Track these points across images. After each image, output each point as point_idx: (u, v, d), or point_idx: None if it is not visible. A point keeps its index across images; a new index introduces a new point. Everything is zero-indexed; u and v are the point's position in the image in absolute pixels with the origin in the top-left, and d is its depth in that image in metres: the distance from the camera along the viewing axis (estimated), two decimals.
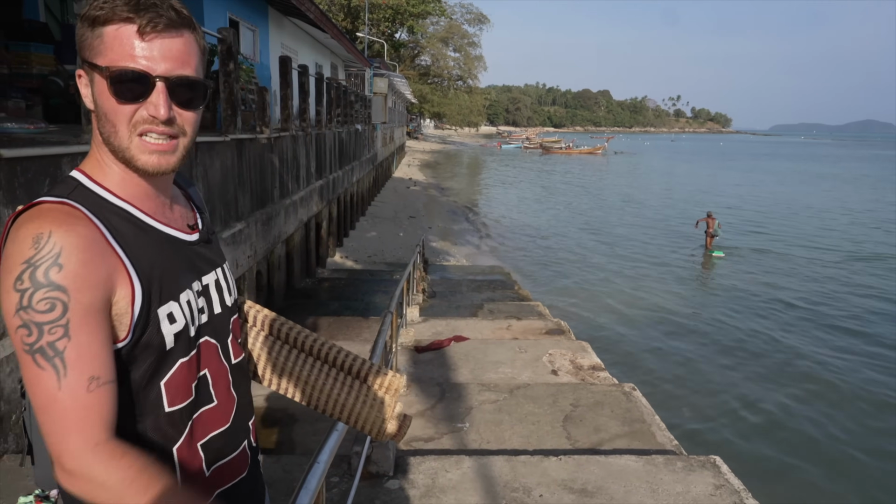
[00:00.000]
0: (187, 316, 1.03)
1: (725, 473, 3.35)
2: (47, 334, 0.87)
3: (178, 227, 1.07)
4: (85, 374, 0.89)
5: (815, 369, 9.09)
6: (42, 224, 0.89)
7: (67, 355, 0.87)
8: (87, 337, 0.89)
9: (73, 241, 0.89)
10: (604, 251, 17.69)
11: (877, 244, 19.25)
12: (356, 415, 1.43)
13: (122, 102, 0.96)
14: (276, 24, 14.94)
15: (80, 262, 0.89)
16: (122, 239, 0.95)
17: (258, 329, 1.39)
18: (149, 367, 0.98)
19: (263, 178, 7.93)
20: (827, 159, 76.58)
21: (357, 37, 38.94)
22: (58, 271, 0.87)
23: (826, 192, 35.62)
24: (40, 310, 0.87)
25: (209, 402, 1.08)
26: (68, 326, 0.88)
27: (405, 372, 4.98)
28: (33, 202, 0.93)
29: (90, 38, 0.95)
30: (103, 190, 0.98)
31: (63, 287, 0.87)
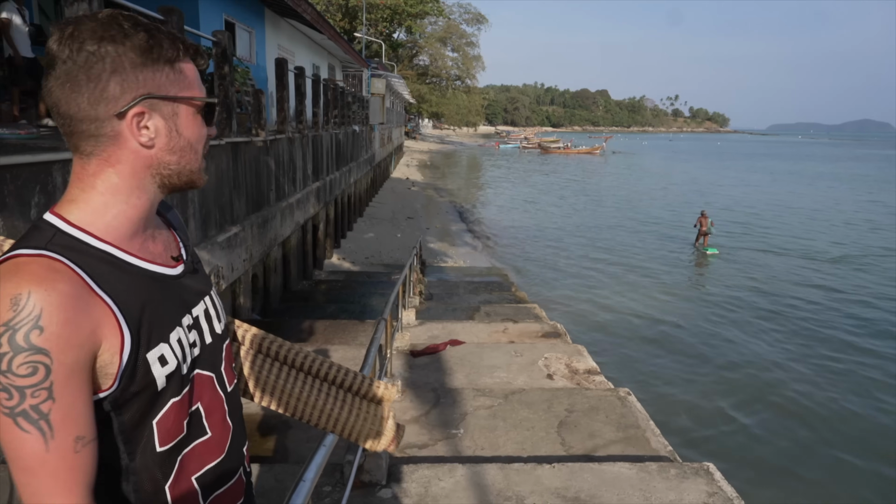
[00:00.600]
0: (179, 355, 1.01)
1: (719, 481, 3.34)
2: (30, 397, 0.84)
3: (163, 261, 1.04)
4: (72, 435, 0.87)
5: (811, 374, 9.09)
6: (20, 283, 0.85)
7: (53, 417, 0.85)
8: (71, 397, 0.87)
9: (54, 300, 0.85)
10: (601, 252, 17.69)
11: (867, 244, 19.26)
12: (350, 427, 1.44)
13: (206, 126, 1.05)
14: (273, 26, 14.92)
15: (62, 322, 0.86)
16: (108, 286, 0.92)
17: (246, 348, 1.39)
18: (140, 408, 0.96)
19: (259, 180, 7.92)
20: (824, 159, 76.65)
21: (355, 37, 38.91)
22: (38, 334, 0.84)
23: (821, 191, 35.66)
24: (21, 374, 0.84)
25: (202, 435, 1.07)
26: (52, 388, 0.85)
27: (400, 377, 4.97)
28: (8, 256, 0.89)
29: (170, 74, 0.97)
30: (83, 234, 0.94)
31: (45, 350, 0.85)
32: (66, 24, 0.92)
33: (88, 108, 0.93)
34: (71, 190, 0.98)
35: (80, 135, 0.95)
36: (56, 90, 0.93)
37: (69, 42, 0.91)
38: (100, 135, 0.95)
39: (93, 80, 0.92)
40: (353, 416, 1.43)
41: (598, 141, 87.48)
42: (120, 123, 0.95)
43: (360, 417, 1.44)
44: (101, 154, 0.96)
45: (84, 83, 0.92)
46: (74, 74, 0.92)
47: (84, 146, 0.96)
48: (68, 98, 0.92)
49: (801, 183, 41.33)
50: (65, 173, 3.67)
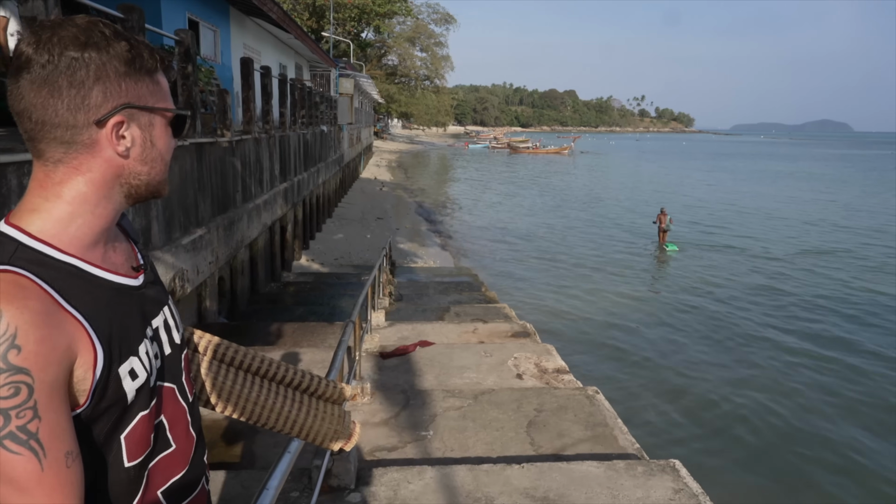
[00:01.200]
0: (147, 367, 0.99)
1: (684, 477, 3.39)
2: (15, 419, 0.81)
3: (124, 272, 1.02)
4: (62, 451, 0.85)
5: (774, 369, 9.30)
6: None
7: (42, 436, 0.83)
8: (55, 414, 0.85)
9: (28, 317, 0.83)
10: (570, 252, 17.85)
11: (824, 240, 19.80)
12: (307, 429, 1.45)
13: (177, 138, 1.05)
14: (238, 25, 14.73)
15: (38, 340, 0.83)
16: (75, 300, 0.90)
17: (209, 357, 1.38)
18: (109, 423, 0.94)
19: (225, 182, 7.80)
20: (785, 158, 78.46)
21: (322, 36, 38.62)
22: (16, 354, 0.81)
23: (781, 190, 36.52)
24: (4, 396, 0.81)
25: (167, 448, 1.05)
26: (36, 407, 0.83)
27: (369, 379, 4.94)
28: None
29: (149, 85, 0.97)
30: (47, 247, 0.91)
31: (25, 369, 0.82)
32: (44, 28, 0.90)
33: (66, 115, 0.90)
34: (31, 199, 0.94)
35: (51, 141, 0.91)
36: (30, 94, 0.89)
37: (48, 46, 0.88)
38: (74, 142, 0.92)
39: (75, 87, 0.90)
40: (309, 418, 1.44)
41: (566, 141, 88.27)
42: (98, 132, 0.93)
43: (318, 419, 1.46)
44: (72, 162, 0.93)
45: (65, 89, 0.89)
46: (54, 79, 0.89)
47: (52, 153, 0.92)
48: (45, 103, 0.89)
49: (763, 182, 42.26)
50: (20, 175, 3.56)
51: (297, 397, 1.45)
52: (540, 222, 23.12)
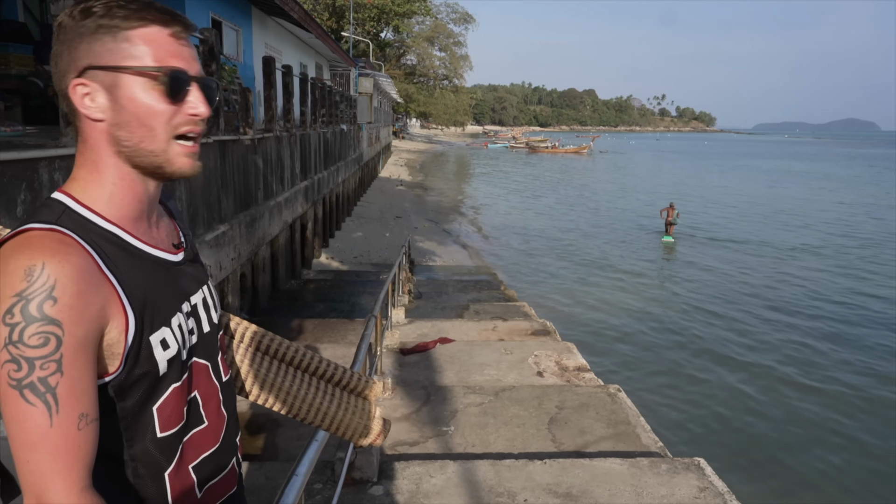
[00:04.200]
0: (179, 340, 1.00)
1: (710, 475, 3.36)
2: (39, 369, 0.83)
3: (165, 247, 1.03)
4: (76, 412, 0.85)
5: (799, 366, 9.17)
6: (34, 255, 0.85)
7: (59, 391, 0.83)
8: (78, 372, 0.85)
9: (68, 272, 0.85)
10: (588, 250, 17.75)
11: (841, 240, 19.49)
12: (338, 422, 1.46)
13: (171, 102, 0.94)
14: (260, 24, 14.85)
15: (75, 294, 0.85)
16: (113, 266, 0.92)
17: (245, 345, 1.39)
18: (142, 394, 0.95)
19: (247, 179, 7.87)
20: (811, 158, 77.33)
21: (342, 36, 38.80)
22: (52, 305, 0.83)
23: (802, 190, 36.02)
24: (32, 344, 0.82)
25: (200, 424, 1.06)
26: (61, 361, 0.84)
27: (390, 375, 4.96)
28: (20, 230, 0.89)
29: (110, 44, 0.91)
30: (91, 213, 0.94)
31: (58, 321, 0.84)
32: None
33: (57, 81, 0.93)
34: (75, 169, 0.97)
35: (67, 113, 0.95)
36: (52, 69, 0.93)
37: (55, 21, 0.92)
38: (71, 111, 0.94)
39: (56, 56, 0.92)
40: (341, 411, 1.45)
41: (585, 140, 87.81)
42: (71, 96, 0.93)
43: (349, 413, 1.46)
44: (80, 131, 0.96)
45: (54, 58, 0.93)
46: (54, 51, 0.93)
47: (74, 123, 0.96)
48: (54, 76, 0.93)
49: (788, 183, 41.69)
50: (51, 170, 3.62)
51: (329, 389, 1.47)
52: (558, 221, 23.02)
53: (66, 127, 3.91)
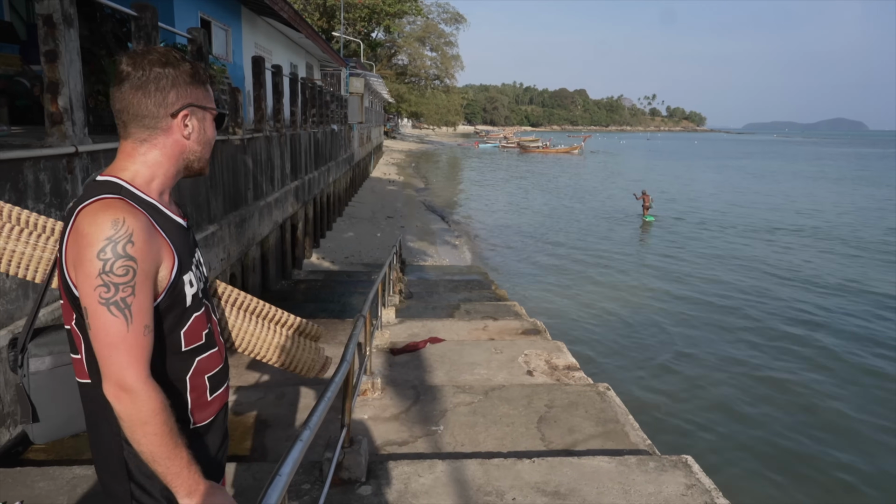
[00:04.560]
0: (196, 282, 1.44)
1: (697, 473, 3.37)
2: (121, 292, 1.24)
3: (180, 216, 1.46)
4: (143, 323, 1.27)
5: (787, 362, 9.23)
6: (116, 212, 1.26)
7: (133, 308, 1.25)
8: (144, 296, 1.28)
9: (140, 225, 1.27)
10: (579, 250, 17.79)
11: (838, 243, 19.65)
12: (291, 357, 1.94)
13: (218, 129, 1.51)
14: (250, 24, 14.79)
15: (145, 240, 1.27)
16: (160, 225, 1.35)
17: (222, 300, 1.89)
18: (175, 318, 1.38)
19: (236, 179, 7.84)
20: (802, 157, 77.84)
21: (333, 36, 38.71)
22: (132, 247, 1.25)
23: (791, 189, 36.26)
24: (119, 273, 1.23)
25: (213, 347, 1.50)
26: (135, 287, 1.25)
27: (380, 374, 4.94)
28: (96, 197, 1.29)
29: (201, 90, 1.43)
30: (137, 190, 1.36)
31: (134, 258, 1.25)
32: (137, 54, 1.37)
33: (153, 109, 1.37)
34: (122, 163, 1.39)
35: (140, 127, 1.37)
36: (129, 95, 1.36)
37: (142, 64, 1.35)
38: (156, 127, 1.38)
39: (160, 91, 1.36)
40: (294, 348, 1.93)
41: (576, 140, 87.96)
42: (172, 121, 1.39)
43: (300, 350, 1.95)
44: (152, 140, 1.39)
45: (153, 92, 1.36)
46: (146, 86, 1.35)
47: (140, 134, 1.38)
48: (139, 101, 1.36)
49: (773, 181, 41.98)
50: (36, 171, 3.60)
51: (284, 332, 1.95)
52: (549, 220, 23.06)
53: (52, 127, 3.89)
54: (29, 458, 3.46)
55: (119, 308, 1.23)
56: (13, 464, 3.26)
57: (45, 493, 2.93)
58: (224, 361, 1.55)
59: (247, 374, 5.18)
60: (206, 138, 1.46)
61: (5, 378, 3.25)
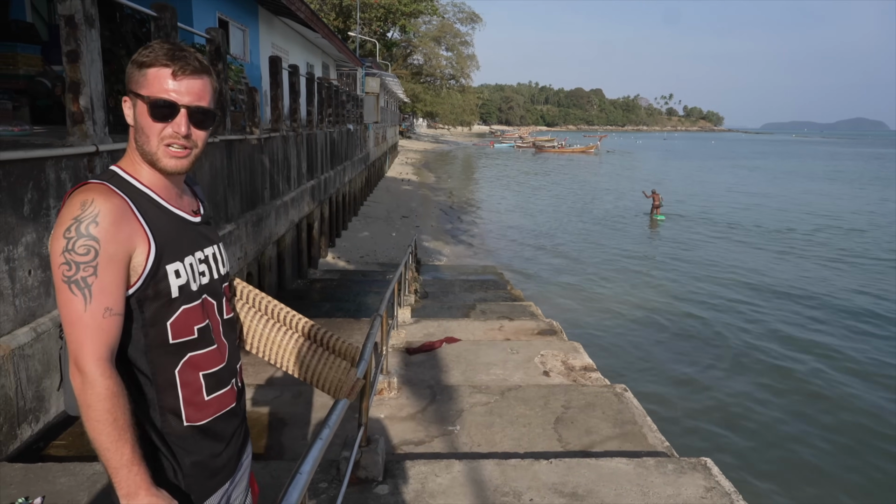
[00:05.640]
0: (189, 275, 1.39)
1: (716, 475, 3.33)
2: (81, 271, 1.23)
3: (185, 210, 1.44)
4: (103, 304, 1.25)
5: (808, 370, 9.12)
6: (89, 194, 1.28)
7: (94, 288, 1.24)
8: (108, 278, 1.26)
9: (108, 207, 1.27)
10: (595, 250, 17.71)
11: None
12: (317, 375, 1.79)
13: (156, 121, 1.36)
14: (267, 24, 14.87)
15: (111, 223, 1.26)
16: (144, 213, 1.34)
17: (248, 304, 1.77)
18: (158, 308, 1.34)
19: (253, 178, 7.88)
20: (819, 158, 76.91)
21: (349, 36, 38.83)
22: (95, 227, 1.24)
23: (805, 191, 35.82)
24: (79, 252, 1.23)
25: (211, 345, 1.44)
26: (97, 267, 1.24)
27: (396, 374, 4.94)
28: (81, 183, 1.32)
29: (137, 75, 1.36)
30: (133, 179, 1.37)
31: (97, 238, 1.25)
32: None
33: None
34: (126, 152, 1.43)
35: None
36: None
37: None
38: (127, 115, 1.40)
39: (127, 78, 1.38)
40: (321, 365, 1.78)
41: (592, 140, 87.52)
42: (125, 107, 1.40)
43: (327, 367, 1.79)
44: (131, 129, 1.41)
45: None
46: None
47: None
48: None
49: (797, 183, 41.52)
50: (58, 170, 3.64)
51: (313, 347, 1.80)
52: (565, 220, 22.97)
53: (73, 127, 3.93)
54: (50, 454, 3.50)
55: (79, 287, 1.23)
56: (35, 459, 3.30)
57: (66, 489, 2.96)
58: (227, 362, 1.49)
59: (263, 371, 5.20)
60: (138, 126, 1.38)
61: (27, 375, 3.29)
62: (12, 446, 3.22)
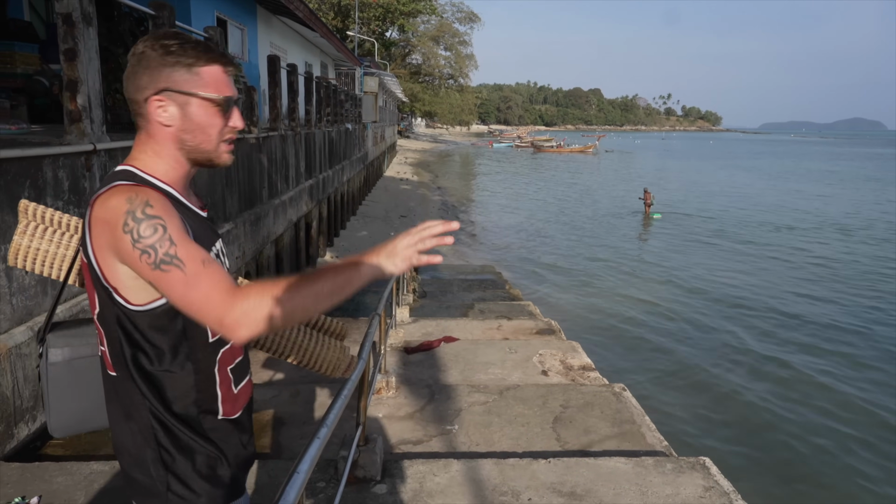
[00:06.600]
0: None
1: (715, 475, 3.33)
2: (160, 249, 1.19)
3: (197, 206, 1.41)
4: (197, 260, 1.21)
5: (807, 370, 9.12)
6: (128, 192, 1.22)
7: (180, 254, 1.20)
8: (186, 241, 1.22)
9: (154, 195, 1.23)
10: (593, 249, 17.71)
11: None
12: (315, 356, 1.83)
13: (223, 119, 1.34)
14: (265, 23, 14.85)
15: (163, 203, 1.23)
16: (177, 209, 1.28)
17: None
18: None
19: (252, 178, 7.87)
20: (816, 158, 77.02)
21: (347, 35, 38.81)
22: (151, 209, 1.20)
23: (805, 192, 35.87)
24: (147, 235, 1.19)
25: None
26: (171, 238, 1.20)
27: (394, 374, 4.94)
28: (110, 185, 1.26)
29: (188, 75, 1.29)
30: (153, 178, 1.31)
31: (158, 215, 1.20)
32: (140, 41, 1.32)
33: (133, 94, 1.31)
34: (134, 153, 1.35)
35: (134, 114, 1.33)
36: (125, 81, 1.32)
37: (137, 46, 1.30)
38: (139, 114, 1.32)
39: (136, 74, 1.29)
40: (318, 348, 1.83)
41: (591, 139, 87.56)
42: (146, 107, 1.30)
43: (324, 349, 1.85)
44: (145, 128, 1.33)
45: (132, 76, 1.30)
46: (130, 69, 1.30)
47: (139, 122, 1.34)
48: (127, 86, 1.31)
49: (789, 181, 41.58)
50: (55, 168, 3.62)
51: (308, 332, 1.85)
52: (563, 220, 22.98)
53: (71, 125, 3.92)
54: (47, 453, 3.49)
55: (168, 263, 1.18)
56: (31, 459, 3.29)
57: (62, 489, 2.95)
58: (244, 354, 1.51)
59: (261, 371, 5.20)
60: (193, 125, 1.31)
61: (24, 374, 3.28)
62: (9, 445, 3.21)
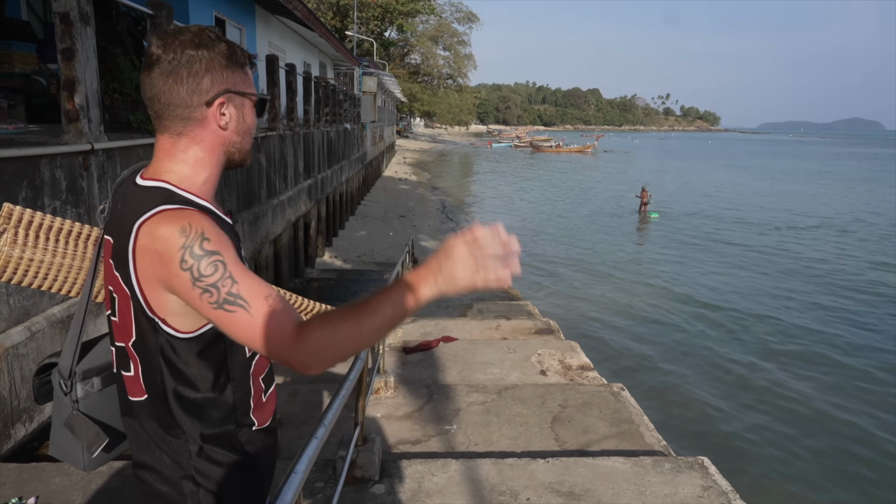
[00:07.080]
0: None
1: (713, 475, 3.33)
2: (222, 287, 1.12)
3: (225, 214, 1.34)
4: (260, 297, 1.14)
5: (803, 367, 9.13)
6: (179, 220, 1.14)
7: (243, 293, 1.13)
8: (247, 275, 1.15)
9: (206, 223, 1.16)
10: (591, 249, 17.71)
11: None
12: None
13: (259, 117, 1.36)
14: (264, 23, 14.84)
15: (217, 233, 1.16)
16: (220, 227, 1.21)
17: None
18: None
19: (250, 177, 7.87)
20: (819, 157, 77.11)
21: (346, 35, 38.80)
22: (209, 244, 1.13)
23: (802, 191, 35.90)
24: (208, 273, 1.12)
25: None
26: (232, 276, 1.13)
27: (393, 373, 4.93)
28: (154, 210, 1.17)
29: (240, 75, 1.28)
30: (190, 195, 1.23)
31: (216, 251, 1.13)
32: (168, 34, 1.23)
33: (186, 97, 1.22)
34: (164, 163, 1.26)
35: (175, 118, 1.24)
36: (160, 82, 1.22)
37: (173, 47, 1.21)
38: (191, 118, 1.24)
39: (192, 76, 1.21)
40: None
41: (589, 139, 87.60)
42: (207, 110, 1.24)
43: None
44: (190, 134, 1.25)
45: (185, 77, 1.21)
46: (177, 71, 1.21)
47: (175, 127, 1.25)
48: (170, 89, 1.21)
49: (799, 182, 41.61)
50: (52, 168, 3.62)
51: None
52: (562, 219, 22.98)
53: (68, 125, 3.91)
54: (44, 453, 3.48)
55: (231, 303, 1.13)
56: (29, 459, 3.28)
57: (60, 489, 2.95)
58: (269, 364, 1.46)
59: None
60: (245, 127, 1.31)
61: (21, 374, 3.27)
62: (6, 446, 3.20)
